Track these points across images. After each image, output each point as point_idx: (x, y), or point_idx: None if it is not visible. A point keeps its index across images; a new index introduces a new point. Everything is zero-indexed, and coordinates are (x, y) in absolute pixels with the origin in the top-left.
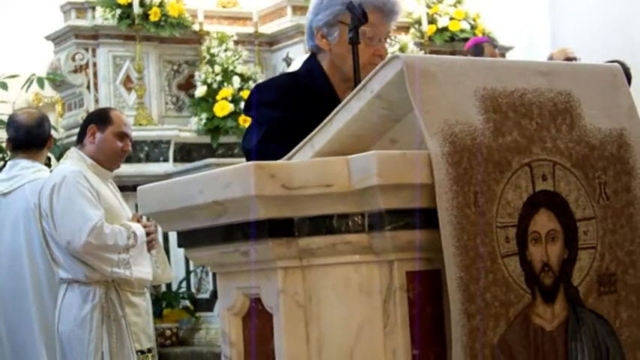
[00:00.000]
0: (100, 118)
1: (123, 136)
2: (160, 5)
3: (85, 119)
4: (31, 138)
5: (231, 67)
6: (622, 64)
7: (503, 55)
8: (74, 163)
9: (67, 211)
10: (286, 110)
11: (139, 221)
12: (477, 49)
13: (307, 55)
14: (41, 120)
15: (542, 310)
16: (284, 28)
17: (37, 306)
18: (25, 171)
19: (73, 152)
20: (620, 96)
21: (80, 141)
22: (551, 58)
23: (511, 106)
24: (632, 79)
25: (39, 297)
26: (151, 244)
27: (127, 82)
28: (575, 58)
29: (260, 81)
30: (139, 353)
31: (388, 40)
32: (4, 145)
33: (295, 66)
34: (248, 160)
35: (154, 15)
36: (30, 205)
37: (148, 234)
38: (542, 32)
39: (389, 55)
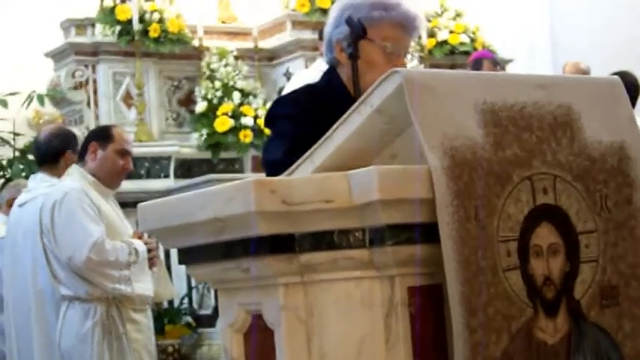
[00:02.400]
0: (102, 135)
1: (124, 153)
2: (160, 21)
3: (86, 136)
4: (40, 154)
5: (231, 83)
6: (629, 75)
7: (503, 69)
8: (75, 180)
9: (68, 227)
10: (306, 123)
11: (140, 238)
12: (477, 64)
13: (305, 70)
14: (50, 137)
15: (545, 324)
16: (284, 43)
17: (38, 322)
18: (41, 184)
19: (75, 169)
20: (621, 108)
21: (82, 158)
22: (564, 70)
23: (511, 119)
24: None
25: (41, 313)
26: (152, 261)
27: (127, 98)
28: (588, 72)
29: (260, 94)
30: None
31: (409, 56)
32: (4, 162)
33: (295, 80)
34: (269, 172)
35: (154, 31)
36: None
37: (149, 251)
38: (542, 44)
39: (388, 70)
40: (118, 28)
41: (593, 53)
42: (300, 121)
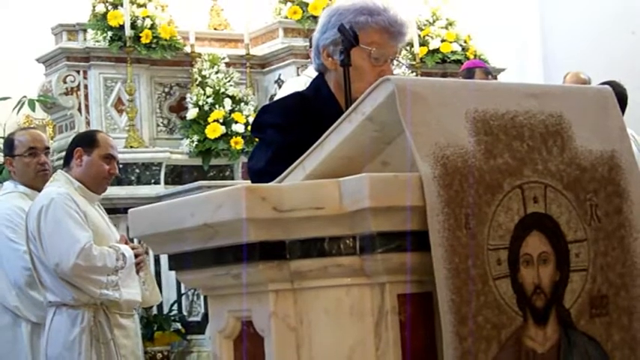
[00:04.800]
0: (87, 140)
1: (110, 158)
2: (152, 27)
3: (71, 142)
4: None
5: (222, 89)
6: (618, 85)
7: (495, 79)
8: (61, 186)
9: (55, 234)
10: (293, 132)
11: (126, 243)
12: (469, 74)
13: (296, 77)
14: None
15: (534, 333)
16: (275, 50)
17: None
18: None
19: (60, 175)
20: (611, 118)
21: (67, 164)
22: (564, 80)
23: (502, 128)
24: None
25: None
26: (139, 266)
27: (119, 104)
28: (589, 82)
29: (251, 101)
30: None
31: (395, 62)
32: None
33: (286, 87)
34: (254, 180)
35: (146, 37)
36: None
37: (136, 256)
38: (533, 53)
39: (380, 78)
40: (109, 33)
41: (585, 63)
42: (285, 129)
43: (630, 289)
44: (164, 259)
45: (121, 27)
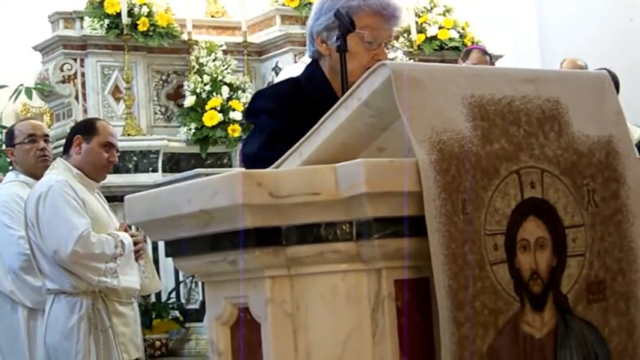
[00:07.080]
0: (86, 128)
1: (109, 146)
2: (149, 15)
3: (70, 130)
4: None
5: (220, 77)
6: (609, 72)
7: (493, 63)
8: (60, 173)
9: (53, 221)
10: (286, 118)
11: (126, 230)
12: (465, 55)
13: (294, 64)
14: None
15: (531, 318)
16: (273, 38)
17: None
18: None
19: (59, 163)
20: (608, 103)
21: (66, 151)
22: (561, 66)
23: (499, 113)
24: (621, 86)
25: None
26: (138, 254)
27: (116, 92)
28: (585, 68)
29: (248, 88)
30: None
31: (389, 46)
32: None
33: (283, 75)
34: (247, 166)
35: (143, 25)
36: None
37: (135, 243)
38: (530, 40)
39: (377, 63)
40: (106, 21)
41: (582, 51)
42: (279, 115)
43: (627, 274)
44: (162, 246)
45: (118, 15)
